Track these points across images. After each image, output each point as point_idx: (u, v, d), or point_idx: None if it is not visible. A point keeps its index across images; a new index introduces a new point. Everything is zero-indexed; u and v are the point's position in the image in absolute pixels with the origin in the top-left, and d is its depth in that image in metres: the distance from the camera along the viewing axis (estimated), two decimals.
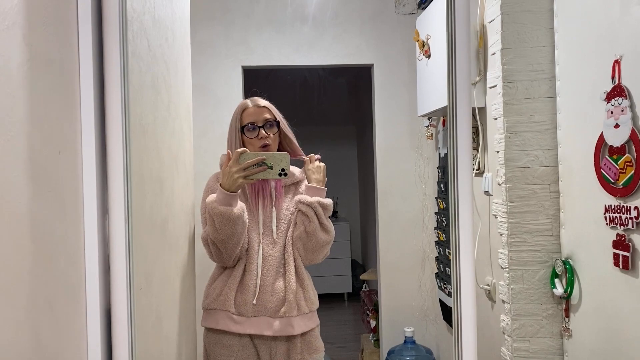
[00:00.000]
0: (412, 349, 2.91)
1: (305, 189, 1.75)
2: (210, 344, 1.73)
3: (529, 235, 1.89)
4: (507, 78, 1.90)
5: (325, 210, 1.72)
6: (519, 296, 1.90)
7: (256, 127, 1.71)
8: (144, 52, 1.27)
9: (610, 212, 1.54)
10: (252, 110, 1.73)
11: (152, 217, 1.34)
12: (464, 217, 1.05)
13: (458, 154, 1.06)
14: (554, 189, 1.87)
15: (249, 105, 1.74)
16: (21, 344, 0.77)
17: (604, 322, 1.60)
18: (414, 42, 2.67)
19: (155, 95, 1.39)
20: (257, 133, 1.70)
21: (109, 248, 0.98)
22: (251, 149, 1.70)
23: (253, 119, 1.71)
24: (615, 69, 1.50)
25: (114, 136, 0.96)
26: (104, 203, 0.98)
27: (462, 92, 1.01)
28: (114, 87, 0.96)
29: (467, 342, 1.09)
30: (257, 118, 1.71)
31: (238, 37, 3.07)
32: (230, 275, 1.72)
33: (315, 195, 1.72)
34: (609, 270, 1.55)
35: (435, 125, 2.83)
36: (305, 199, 1.70)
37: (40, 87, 0.84)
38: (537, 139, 1.89)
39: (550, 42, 1.87)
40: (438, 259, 2.76)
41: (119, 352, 0.97)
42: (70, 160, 0.92)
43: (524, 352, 1.89)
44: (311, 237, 1.70)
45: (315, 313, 1.81)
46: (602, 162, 1.57)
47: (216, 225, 1.58)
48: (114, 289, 0.97)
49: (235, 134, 1.73)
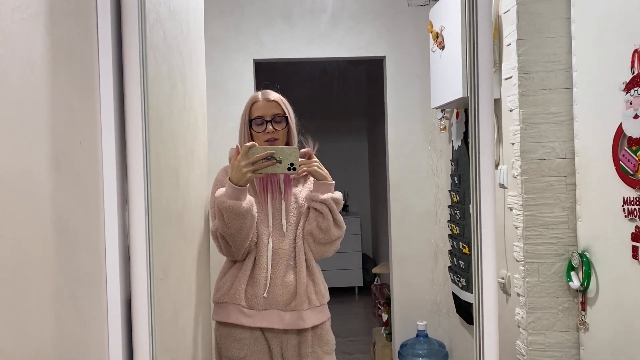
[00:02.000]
0: (424, 342, 2.91)
1: (314, 186, 1.74)
2: (221, 338, 1.73)
3: (544, 228, 1.88)
4: (523, 69, 1.88)
5: (338, 205, 1.72)
6: (535, 289, 1.89)
7: (264, 122, 1.70)
8: (160, 43, 1.27)
9: (629, 205, 1.52)
10: (261, 104, 1.72)
11: (169, 209, 1.34)
12: (487, 210, 1.04)
13: (480, 146, 1.05)
14: (570, 181, 1.86)
15: (259, 98, 1.73)
16: (45, 333, 0.77)
17: (621, 315, 1.58)
18: (427, 34, 2.65)
19: (171, 87, 1.38)
20: (264, 127, 1.70)
21: (129, 239, 0.98)
22: (259, 142, 1.69)
23: (261, 113, 1.70)
24: (635, 58, 1.48)
25: (134, 127, 0.96)
26: (124, 194, 0.98)
27: (485, 83, 1.00)
28: (133, 78, 0.95)
29: (489, 339, 1.09)
30: (265, 112, 1.71)
31: (249, 31, 3.06)
32: (240, 269, 1.71)
33: (327, 191, 1.71)
34: (628, 263, 1.53)
35: (449, 117, 2.82)
36: (318, 197, 1.69)
37: (62, 77, 0.84)
38: (553, 130, 1.87)
39: (567, 32, 1.85)
40: (451, 252, 2.75)
41: (139, 341, 0.97)
42: (90, 150, 0.92)
43: (540, 346, 1.88)
44: (325, 232, 1.70)
45: (326, 306, 1.81)
46: (621, 154, 1.55)
47: (225, 219, 1.58)
48: (134, 279, 0.97)
49: (244, 127, 1.73)
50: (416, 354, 2.87)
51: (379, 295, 4.38)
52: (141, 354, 0.97)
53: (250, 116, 1.71)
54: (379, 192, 5.19)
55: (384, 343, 3.40)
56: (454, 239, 2.68)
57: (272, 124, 1.70)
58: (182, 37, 1.53)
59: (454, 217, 2.66)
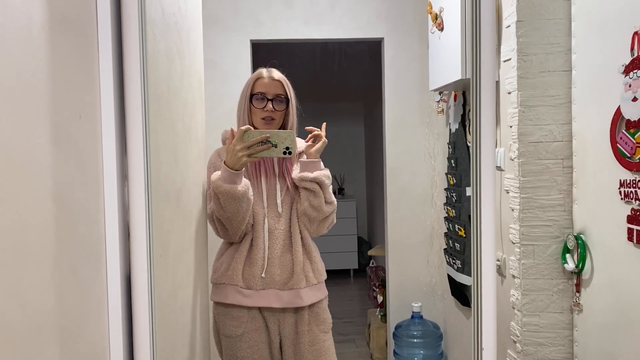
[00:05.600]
0: (419, 324, 2.94)
1: (301, 166, 1.74)
2: (219, 316, 1.75)
3: (540, 211, 1.89)
4: (522, 51, 1.88)
5: (328, 181, 1.73)
6: (530, 271, 1.90)
7: (265, 99, 1.70)
8: (158, 19, 1.26)
9: (626, 187, 1.53)
10: (266, 80, 1.72)
11: (167, 186, 1.34)
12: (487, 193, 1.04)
13: (482, 129, 1.05)
14: (567, 164, 1.86)
15: (263, 75, 1.73)
16: (46, 305, 0.78)
17: (615, 297, 1.60)
18: (425, 16, 2.63)
19: (169, 65, 1.37)
20: (264, 104, 1.69)
21: (129, 214, 0.98)
22: (256, 119, 1.69)
23: (264, 90, 1.70)
24: (635, 40, 1.47)
25: (133, 102, 0.95)
26: (124, 170, 0.98)
27: (487, 64, 1.00)
28: (132, 52, 0.94)
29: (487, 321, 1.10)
30: (268, 90, 1.70)
31: (247, 11, 3.03)
32: (237, 250, 1.72)
33: (315, 169, 1.71)
34: (623, 245, 1.55)
35: (447, 100, 2.81)
36: (308, 176, 1.69)
37: (61, 49, 0.83)
38: (551, 113, 1.87)
39: (567, 14, 1.84)
40: (447, 235, 2.76)
41: (139, 316, 0.97)
42: (90, 124, 0.92)
43: (534, 327, 1.90)
44: (318, 210, 1.71)
45: (323, 284, 1.83)
46: (619, 137, 1.55)
47: (221, 203, 1.58)
48: (134, 255, 0.97)
49: (244, 101, 1.72)
50: (411, 335, 2.90)
51: (374, 278, 4.41)
52: (141, 329, 0.97)
53: (252, 91, 1.71)
54: (376, 175, 5.20)
55: (379, 324, 3.43)
56: (449, 222, 2.69)
57: (273, 103, 1.70)
58: (179, 15, 1.51)
59: (450, 200, 2.67)
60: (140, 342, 0.98)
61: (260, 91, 1.70)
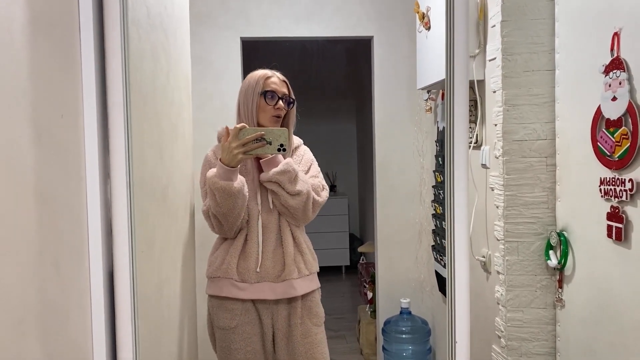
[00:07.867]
0: (408, 319, 2.96)
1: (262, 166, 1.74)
2: (213, 308, 1.79)
3: (524, 208, 1.91)
4: (507, 50, 1.90)
5: (287, 174, 1.70)
6: (514, 267, 1.93)
7: (276, 97, 1.74)
8: (143, 19, 1.27)
9: (605, 185, 1.55)
10: (277, 80, 1.77)
11: (153, 184, 1.35)
12: (459, 186, 1.07)
13: (455, 126, 1.07)
14: (551, 162, 1.89)
15: (271, 74, 1.77)
16: (28, 299, 0.79)
17: (596, 292, 1.63)
18: (415, 14, 2.65)
19: (154, 64, 1.39)
20: (276, 102, 1.73)
21: (111, 212, 1.00)
22: (265, 116, 1.72)
23: (276, 88, 1.74)
24: (615, 41, 1.50)
25: (115, 101, 0.97)
26: (106, 167, 0.99)
27: (460, 63, 1.02)
28: (114, 52, 0.96)
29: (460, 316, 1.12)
30: (279, 89, 1.76)
31: (237, 8, 3.04)
32: (232, 244, 1.76)
33: (270, 167, 1.71)
34: (602, 242, 1.57)
35: (435, 98, 2.83)
36: (263, 177, 1.71)
37: (42, 49, 0.84)
38: (535, 112, 1.90)
39: (551, 15, 1.87)
40: (435, 232, 2.79)
41: (122, 312, 0.99)
42: (72, 124, 0.93)
43: (518, 322, 1.93)
44: (285, 206, 1.74)
45: (315, 276, 1.86)
46: (599, 135, 1.58)
47: (217, 200, 1.61)
48: (116, 251, 0.99)
49: (252, 98, 1.73)
50: (399, 330, 2.93)
51: (364, 274, 4.43)
52: (123, 324, 0.99)
53: (264, 88, 1.74)
54: (367, 172, 5.22)
55: (368, 320, 3.46)
56: (437, 219, 2.71)
57: (283, 102, 1.74)
58: (165, 14, 1.52)
59: (437, 197, 2.70)
60: (122, 337, 1.00)
61: (273, 89, 1.74)
